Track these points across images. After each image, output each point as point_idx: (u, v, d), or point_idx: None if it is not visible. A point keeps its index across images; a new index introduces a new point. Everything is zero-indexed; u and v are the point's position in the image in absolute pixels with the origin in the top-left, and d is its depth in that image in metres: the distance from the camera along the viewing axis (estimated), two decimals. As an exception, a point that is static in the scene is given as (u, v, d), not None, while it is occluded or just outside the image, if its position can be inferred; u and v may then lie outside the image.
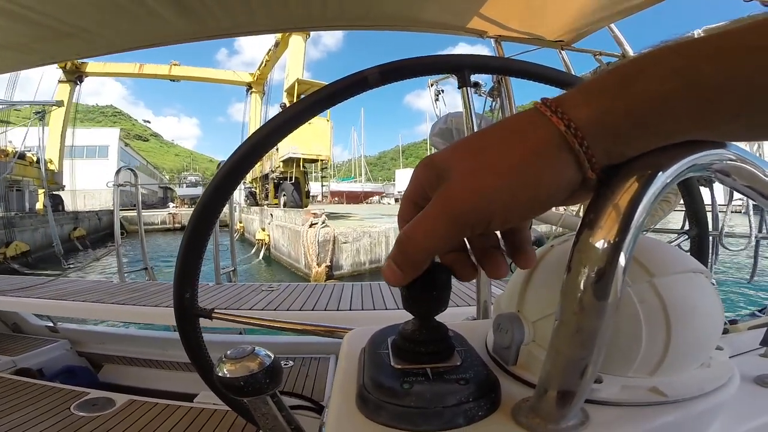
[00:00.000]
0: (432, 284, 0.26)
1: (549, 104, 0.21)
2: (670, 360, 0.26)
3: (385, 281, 0.25)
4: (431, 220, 0.22)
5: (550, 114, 0.20)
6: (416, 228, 0.22)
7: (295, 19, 1.81)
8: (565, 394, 0.21)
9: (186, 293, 0.53)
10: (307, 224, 9.92)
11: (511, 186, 0.20)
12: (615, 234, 0.18)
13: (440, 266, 0.26)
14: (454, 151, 0.23)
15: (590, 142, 0.19)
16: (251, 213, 18.59)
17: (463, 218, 0.21)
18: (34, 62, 2.00)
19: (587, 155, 0.19)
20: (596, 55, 2.06)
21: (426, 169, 0.24)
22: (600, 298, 0.18)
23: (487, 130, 0.23)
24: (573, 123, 0.19)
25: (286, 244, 11.80)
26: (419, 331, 0.28)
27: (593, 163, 0.20)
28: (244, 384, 0.34)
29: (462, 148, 0.23)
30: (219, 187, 0.51)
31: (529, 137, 0.21)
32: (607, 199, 0.19)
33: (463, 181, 0.21)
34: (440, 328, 0.28)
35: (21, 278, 3.19)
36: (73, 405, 1.65)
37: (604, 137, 0.19)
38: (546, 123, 0.20)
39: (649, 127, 0.19)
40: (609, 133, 0.19)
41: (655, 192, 0.19)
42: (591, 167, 0.20)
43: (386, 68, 0.55)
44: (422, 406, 0.24)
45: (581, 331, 0.19)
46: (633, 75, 0.19)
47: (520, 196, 0.20)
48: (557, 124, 0.20)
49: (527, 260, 0.26)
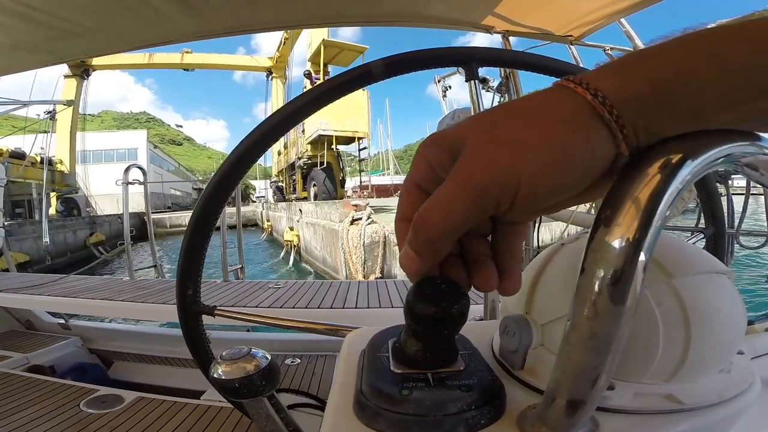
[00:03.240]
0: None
1: (572, 78, 0.19)
2: (689, 366, 0.24)
3: (403, 271, 0.23)
4: (449, 197, 0.20)
5: (574, 86, 0.19)
6: (433, 207, 0.20)
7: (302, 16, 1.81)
8: (574, 403, 0.19)
9: (188, 290, 0.53)
10: (347, 220, 7.43)
11: (538, 156, 0.18)
12: (634, 232, 0.16)
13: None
14: (470, 124, 0.21)
15: (619, 112, 0.18)
16: (278, 210, 15.93)
17: (485, 191, 0.19)
18: (43, 62, 2.02)
19: (618, 125, 0.18)
20: (606, 50, 2.02)
21: (436, 147, 0.21)
22: (616, 302, 0.17)
23: (506, 104, 0.21)
24: (600, 92, 0.18)
25: (319, 246, 9.48)
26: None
27: (625, 135, 0.18)
28: (239, 386, 0.33)
29: (479, 121, 0.21)
30: (219, 184, 0.51)
31: (554, 108, 0.19)
32: (625, 192, 0.17)
33: (483, 152, 0.19)
34: None
35: (34, 276, 3.24)
36: (83, 402, 1.67)
37: (630, 109, 0.18)
38: (571, 94, 0.19)
39: (673, 102, 0.17)
40: (634, 104, 0.18)
41: (680, 184, 0.17)
42: (624, 140, 0.18)
43: (392, 61, 0.53)
44: (421, 414, 0.22)
45: (595, 337, 0.17)
46: (656, 52, 0.18)
47: (549, 169, 0.18)
48: (583, 94, 0.18)
49: (512, 285, 0.24)
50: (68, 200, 17.43)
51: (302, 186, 16.13)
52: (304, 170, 15.73)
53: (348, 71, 0.53)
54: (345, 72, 0.53)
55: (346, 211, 7.65)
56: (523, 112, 0.20)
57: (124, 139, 34.48)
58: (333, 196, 12.27)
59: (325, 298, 2.21)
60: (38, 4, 1.41)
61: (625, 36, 1.92)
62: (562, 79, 0.20)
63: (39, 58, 1.94)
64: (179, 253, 0.53)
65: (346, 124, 13.16)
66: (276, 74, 22.09)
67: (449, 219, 0.20)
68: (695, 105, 0.18)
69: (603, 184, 0.20)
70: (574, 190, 0.19)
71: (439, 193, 0.20)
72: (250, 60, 22.91)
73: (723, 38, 0.17)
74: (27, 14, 1.46)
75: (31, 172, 14.04)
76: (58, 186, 16.45)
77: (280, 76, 22.04)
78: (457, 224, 0.20)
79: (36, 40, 1.71)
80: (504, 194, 0.19)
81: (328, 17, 1.85)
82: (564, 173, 0.18)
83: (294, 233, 11.61)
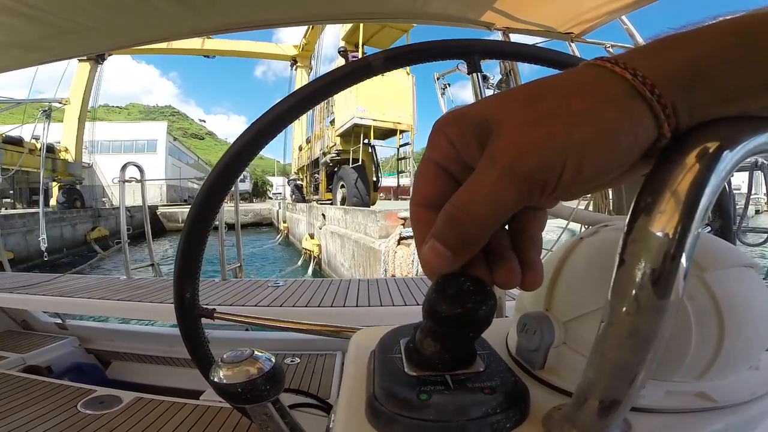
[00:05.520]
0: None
1: (605, 58, 0.18)
2: (721, 363, 0.23)
3: (426, 267, 0.21)
4: (495, 186, 0.18)
5: (611, 65, 0.17)
6: (476, 199, 0.18)
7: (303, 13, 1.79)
8: (608, 403, 0.18)
9: (186, 293, 0.51)
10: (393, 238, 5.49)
11: (584, 135, 0.17)
12: (678, 220, 0.15)
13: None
14: (500, 102, 0.19)
15: (660, 92, 0.17)
16: (297, 211, 14.42)
17: (532, 176, 0.17)
18: (40, 60, 1.99)
19: (661, 104, 0.17)
20: (607, 48, 2.01)
21: (458, 126, 0.19)
22: (661, 296, 0.15)
23: (535, 82, 0.19)
24: (639, 72, 0.17)
25: (348, 263, 7.48)
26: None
27: (668, 116, 0.17)
28: (241, 390, 0.31)
29: (511, 98, 0.19)
30: (214, 184, 0.49)
31: (594, 87, 0.18)
32: (666, 178, 0.16)
33: (524, 133, 0.17)
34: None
35: (29, 275, 3.21)
36: (80, 403, 1.65)
37: (670, 88, 0.17)
38: (608, 74, 0.17)
39: (711, 81, 0.17)
40: (674, 83, 0.17)
41: (723, 173, 0.16)
42: (666, 120, 0.17)
43: (392, 54, 0.52)
44: (443, 420, 0.21)
45: (637, 333, 0.16)
46: (689, 35, 0.18)
47: (597, 149, 0.17)
48: (622, 74, 0.17)
49: (535, 278, 0.21)
50: (71, 191, 15.72)
51: (326, 186, 13.48)
52: (330, 167, 13.09)
53: (347, 64, 0.51)
54: (343, 66, 0.51)
55: (391, 224, 5.84)
56: (562, 89, 0.18)
57: (144, 131, 33.99)
58: (365, 202, 10.04)
59: (325, 296, 2.20)
60: (35, 1, 1.39)
61: (626, 33, 1.92)
62: (593, 59, 0.19)
63: (35, 55, 1.92)
64: (176, 254, 0.51)
65: (387, 113, 10.61)
66: (301, 63, 20.02)
67: (497, 212, 0.18)
68: (734, 84, 0.17)
69: (638, 167, 0.18)
70: (617, 172, 0.18)
71: (481, 182, 0.18)
72: (275, 48, 20.92)
73: (759, 20, 0.17)
74: (23, 11, 1.44)
75: (29, 160, 12.61)
76: (60, 175, 15.04)
77: (305, 66, 19.94)
78: (502, 213, 0.18)
79: (32, 38, 1.69)
80: (551, 178, 0.17)
81: (328, 14, 1.84)
82: (610, 154, 0.17)
83: (314, 242, 10.10)
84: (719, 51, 0.17)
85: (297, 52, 20.17)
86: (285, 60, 21.06)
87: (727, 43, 0.17)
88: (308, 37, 18.37)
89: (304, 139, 18.57)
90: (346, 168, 10.92)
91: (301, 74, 20.16)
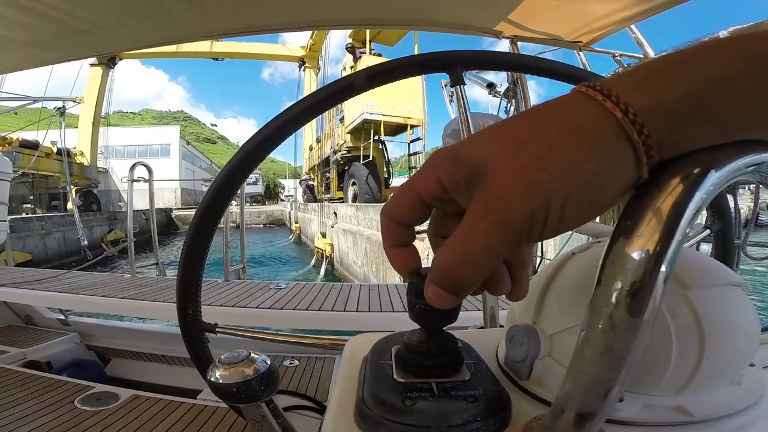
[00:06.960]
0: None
1: (598, 87, 0.18)
2: (700, 378, 0.24)
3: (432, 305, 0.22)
4: (488, 239, 0.18)
5: (602, 98, 0.17)
6: (469, 252, 0.19)
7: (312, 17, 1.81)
8: (583, 416, 0.19)
9: (189, 309, 0.51)
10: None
11: (566, 185, 0.17)
12: (656, 243, 0.16)
13: None
14: (491, 146, 0.19)
15: (649, 131, 0.16)
16: (309, 211, 14.36)
17: (520, 226, 0.18)
18: (54, 59, 2.03)
19: (646, 147, 0.17)
20: (615, 57, 2.02)
21: (452, 166, 0.20)
22: (634, 315, 0.16)
23: (523, 116, 0.19)
24: (631, 108, 0.17)
25: (360, 261, 7.60)
26: (426, 342, 0.26)
27: (650, 156, 0.17)
28: (237, 390, 0.33)
29: (500, 139, 0.19)
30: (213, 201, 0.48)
31: (580, 125, 0.17)
32: (647, 202, 0.17)
33: (513, 183, 0.17)
34: (450, 339, 0.26)
35: (34, 270, 3.24)
36: (77, 399, 1.66)
37: (661, 125, 0.17)
38: (598, 109, 0.17)
39: (709, 111, 0.16)
40: (665, 118, 0.17)
41: (704, 195, 0.16)
42: (647, 162, 0.17)
43: (372, 72, 0.51)
44: (426, 425, 0.22)
45: (610, 351, 0.17)
46: (692, 57, 0.17)
47: (579, 196, 0.17)
48: (612, 110, 0.17)
49: (519, 293, 0.23)
50: (87, 194, 16.17)
51: (337, 184, 13.65)
52: (341, 165, 13.21)
53: (328, 85, 0.51)
54: (325, 86, 0.51)
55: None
56: (547, 129, 0.18)
57: (157, 135, 34.09)
58: (377, 198, 10.15)
59: (326, 300, 2.20)
60: (51, 0, 1.42)
61: (635, 42, 1.92)
62: (583, 85, 0.19)
63: (49, 55, 1.96)
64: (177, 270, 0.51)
65: (396, 108, 10.64)
66: (309, 64, 20.57)
67: (492, 262, 0.19)
68: (737, 117, 0.17)
69: (625, 195, 0.19)
70: (598, 214, 0.19)
71: (473, 235, 0.18)
72: (283, 49, 21.55)
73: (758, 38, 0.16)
74: (39, 11, 1.47)
75: (45, 164, 13.08)
76: (76, 179, 15.24)
77: (313, 66, 20.51)
78: (495, 262, 0.19)
79: (47, 37, 1.72)
80: (534, 228, 0.18)
81: (338, 20, 1.86)
82: (591, 201, 0.18)
83: (326, 242, 10.04)
84: (725, 80, 0.16)
85: (304, 52, 20.44)
86: (293, 61, 21.25)
87: (734, 70, 0.16)
88: (315, 38, 18.59)
89: (314, 139, 18.58)
90: (357, 165, 10.89)
91: (309, 74, 20.38)
